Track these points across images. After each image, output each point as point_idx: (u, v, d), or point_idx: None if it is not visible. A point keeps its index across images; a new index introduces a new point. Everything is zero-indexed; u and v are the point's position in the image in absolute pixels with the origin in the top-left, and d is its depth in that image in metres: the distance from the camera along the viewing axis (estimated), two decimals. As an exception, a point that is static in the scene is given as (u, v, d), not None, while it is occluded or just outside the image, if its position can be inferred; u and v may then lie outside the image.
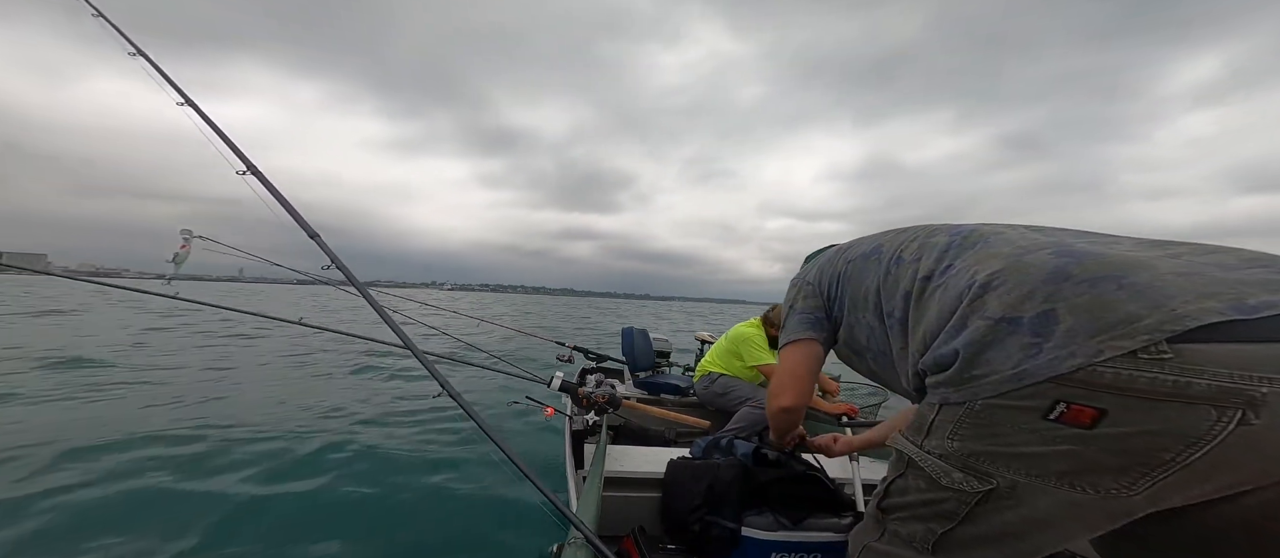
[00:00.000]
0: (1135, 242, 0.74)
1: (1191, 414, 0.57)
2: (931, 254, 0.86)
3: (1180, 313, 0.57)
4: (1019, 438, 0.67)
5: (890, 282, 0.93)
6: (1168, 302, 0.58)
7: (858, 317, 1.02)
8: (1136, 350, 0.57)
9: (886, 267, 0.95)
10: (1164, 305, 0.58)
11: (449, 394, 1.35)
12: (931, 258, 0.86)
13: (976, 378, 0.69)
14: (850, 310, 1.05)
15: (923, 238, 0.92)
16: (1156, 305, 0.58)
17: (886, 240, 1.01)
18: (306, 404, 4.73)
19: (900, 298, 0.89)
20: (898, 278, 0.91)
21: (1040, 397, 0.63)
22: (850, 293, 1.04)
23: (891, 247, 0.97)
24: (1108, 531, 0.69)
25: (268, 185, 1.67)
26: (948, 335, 0.74)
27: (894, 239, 0.99)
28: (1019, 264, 0.71)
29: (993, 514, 0.71)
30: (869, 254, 1.02)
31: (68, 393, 4.69)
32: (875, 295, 0.96)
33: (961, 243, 0.84)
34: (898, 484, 0.83)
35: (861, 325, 1.02)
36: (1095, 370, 0.59)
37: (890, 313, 0.91)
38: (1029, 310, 0.66)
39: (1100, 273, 0.64)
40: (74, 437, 3.34)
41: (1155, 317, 0.58)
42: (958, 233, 0.87)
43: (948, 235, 0.88)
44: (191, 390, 5.05)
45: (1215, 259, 0.65)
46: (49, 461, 2.95)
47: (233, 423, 3.96)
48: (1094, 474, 0.63)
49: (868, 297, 0.98)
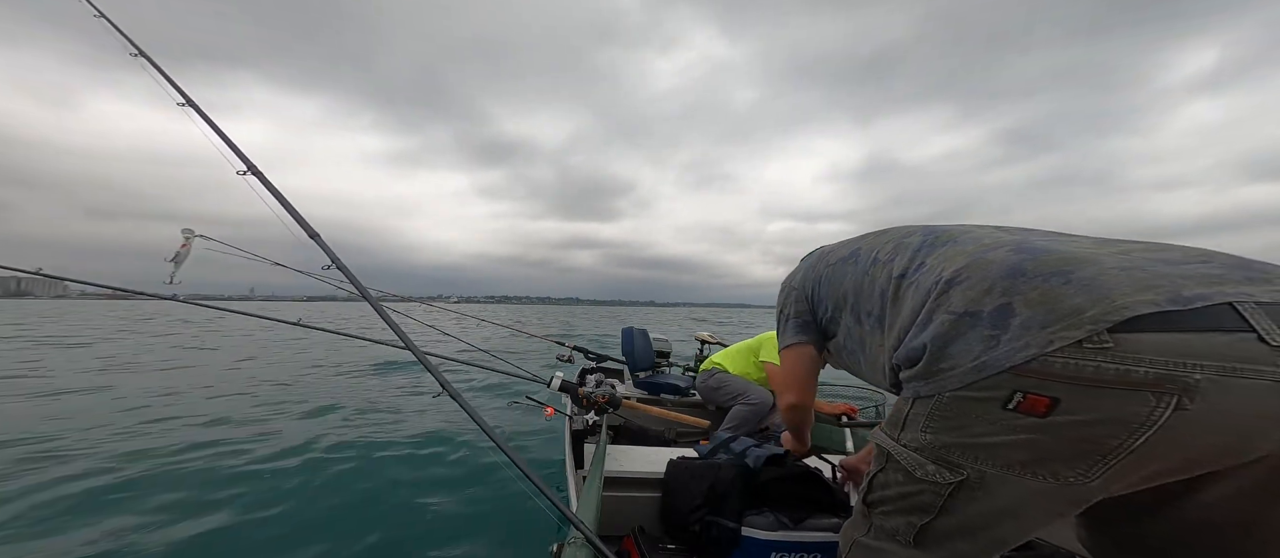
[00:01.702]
0: (1093, 240, 0.77)
1: (1133, 400, 0.59)
2: (905, 254, 0.90)
3: (1119, 305, 0.61)
4: (982, 428, 0.69)
5: (867, 282, 0.97)
6: (1109, 294, 0.62)
7: (838, 317, 1.07)
8: (1082, 340, 0.61)
9: (864, 268, 0.99)
10: (1105, 298, 0.62)
11: (449, 394, 1.34)
12: (905, 257, 0.89)
13: (943, 371, 0.72)
14: (832, 311, 1.09)
15: (898, 239, 0.95)
16: (1099, 298, 0.62)
17: (864, 243, 1.05)
18: (307, 405, 4.74)
19: (877, 297, 0.92)
20: (874, 278, 0.95)
21: (999, 387, 0.66)
22: (831, 295, 1.09)
23: (868, 249, 1.01)
24: (1069, 515, 0.73)
25: (268, 185, 1.67)
26: (917, 330, 0.78)
27: (872, 241, 1.03)
28: (981, 261, 0.75)
29: (965, 505, 0.73)
30: (847, 257, 1.06)
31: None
32: (852, 296, 1.00)
33: (933, 242, 0.87)
34: (879, 478, 0.85)
35: (841, 326, 1.06)
36: (1046, 360, 0.62)
37: (869, 312, 0.95)
38: (988, 305, 0.69)
39: (1051, 268, 0.67)
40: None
41: (1097, 308, 0.61)
42: (930, 233, 0.91)
43: (921, 236, 0.91)
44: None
45: (1160, 255, 0.68)
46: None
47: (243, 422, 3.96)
48: (1052, 462, 0.66)
49: (846, 298, 1.03)
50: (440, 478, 3.00)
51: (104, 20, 1.95)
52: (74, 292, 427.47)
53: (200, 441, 3.60)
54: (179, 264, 1.70)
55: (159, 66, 1.87)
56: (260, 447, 3.49)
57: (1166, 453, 0.61)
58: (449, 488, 2.86)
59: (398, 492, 2.81)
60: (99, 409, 4.49)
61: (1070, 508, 0.70)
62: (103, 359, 7.72)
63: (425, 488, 2.86)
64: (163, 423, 4.07)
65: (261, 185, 1.67)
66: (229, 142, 1.73)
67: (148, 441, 3.60)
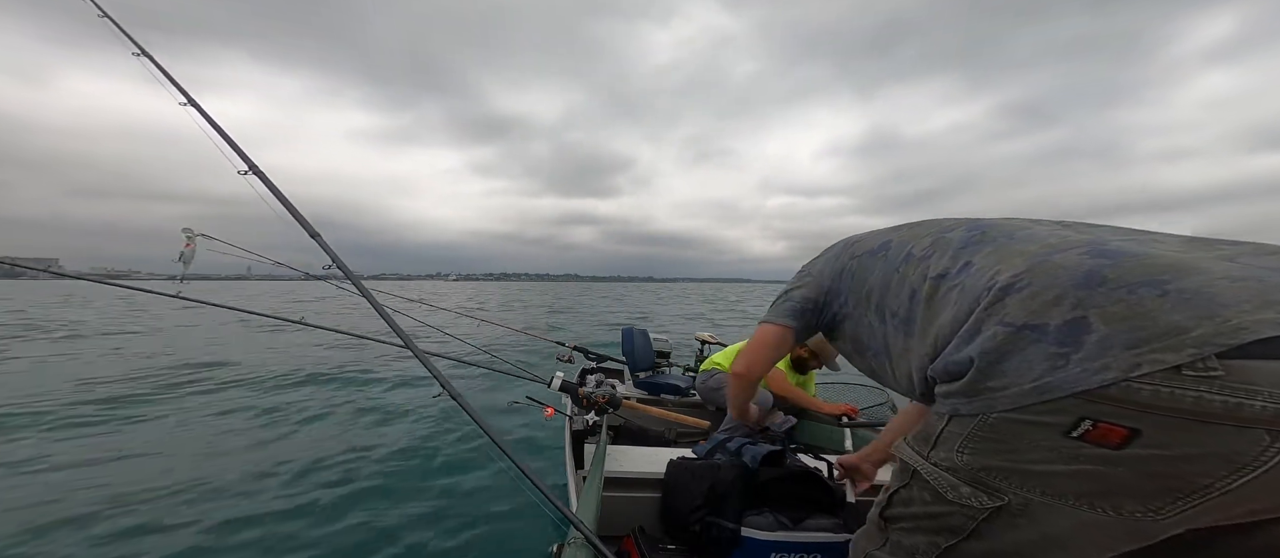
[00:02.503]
0: (1182, 241, 0.67)
1: (1242, 438, 0.51)
2: (946, 252, 0.80)
3: (1235, 324, 0.51)
4: (1035, 455, 0.62)
5: (896, 280, 0.88)
6: (1220, 311, 0.52)
7: (860, 314, 0.98)
8: (1181, 366, 0.52)
9: (895, 264, 0.90)
10: (1216, 315, 0.52)
11: (449, 394, 1.35)
12: (946, 256, 0.80)
13: (992, 390, 0.64)
14: (853, 307, 1.01)
15: (937, 233, 0.86)
16: (1207, 315, 0.52)
17: (896, 236, 0.95)
18: (306, 403, 4.74)
19: (906, 297, 0.84)
20: (905, 276, 0.86)
21: (1063, 413, 0.58)
22: (853, 289, 1.00)
23: (901, 243, 0.92)
24: (1126, 550, 0.64)
25: (269, 185, 1.68)
26: (961, 341, 0.69)
27: (906, 235, 0.93)
28: (1046, 264, 0.65)
29: (1003, 531, 0.67)
30: (876, 251, 0.97)
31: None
32: (878, 293, 0.92)
33: (981, 239, 0.78)
34: (901, 495, 0.79)
35: (863, 323, 0.97)
36: (1130, 387, 0.53)
37: (894, 312, 0.87)
38: (1056, 317, 0.60)
39: (1141, 277, 0.57)
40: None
41: (1205, 328, 0.52)
42: (976, 228, 0.81)
43: (966, 231, 0.82)
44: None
45: (1276, 262, 0.58)
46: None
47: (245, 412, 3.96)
48: (1118, 497, 0.58)
49: (871, 295, 0.94)
50: (440, 478, 3.00)
51: (108, 20, 1.95)
52: (68, 273, 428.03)
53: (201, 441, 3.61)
54: (187, 263, 1.73)
55: (161, 67, 1.88)
56: (260, 447, 3.50)
57: (1266, 496, 0.53)
58: (449, 488, 2.87)
59: (397, 491, 2.81)
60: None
61: (1127, 543, 0.62)
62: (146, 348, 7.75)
63: (425, 488, 2.87)
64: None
65: (263, 185, 1.68)
66: (231, 142, 1.74)
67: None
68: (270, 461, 3.19)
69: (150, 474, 2.92)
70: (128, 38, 1.93)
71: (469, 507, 2.65)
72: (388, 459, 3.27)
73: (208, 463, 3.16)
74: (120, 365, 6.53)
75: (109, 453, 3.30)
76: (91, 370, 6.18)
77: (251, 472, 3.01)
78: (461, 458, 3.29)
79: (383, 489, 2.83)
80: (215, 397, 4.94)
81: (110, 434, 3.76)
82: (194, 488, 2.76)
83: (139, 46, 1.91)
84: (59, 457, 3.21)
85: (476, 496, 2.78)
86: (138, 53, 1.90)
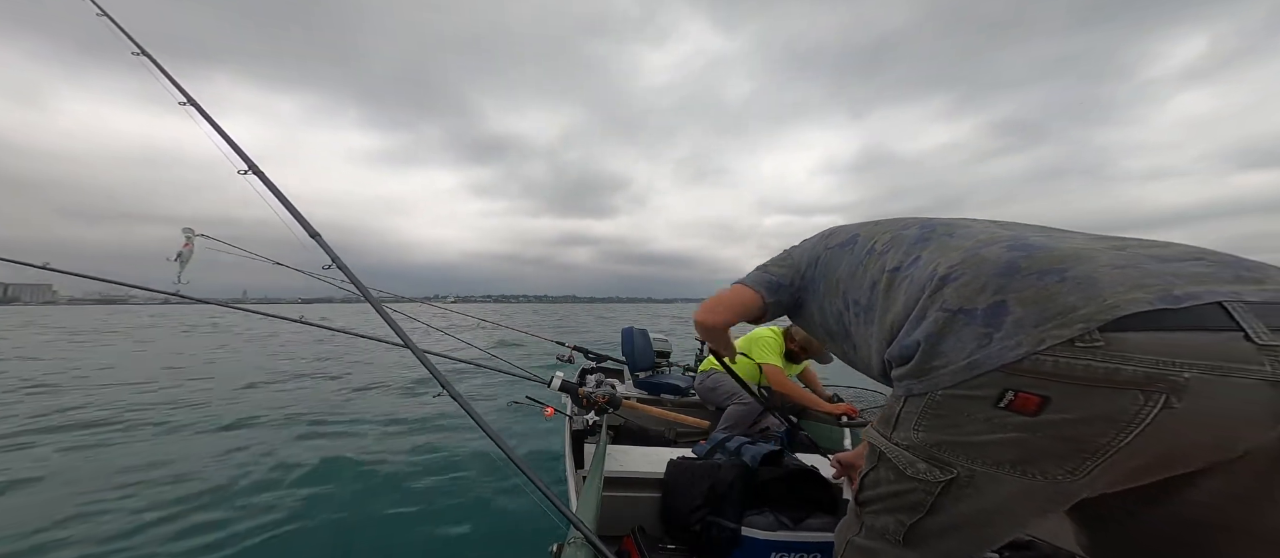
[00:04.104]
0: (1088, 236, 0.77)
1: (1120, 399, 0.59)
2: (900, 247, 0.89)
3: (1111, 303, 0.61)
4: (973, 427, 0.69)
5: (860, 272, 0.96)
6: (1101, 293, 0.62)
7: (829, 302, 1.05)
8: (1074, 339, 0.60)
9: (859, 258, 0.98)
10: (1097, 296, 0.62)
11: (450, 394, 1.34)
12: (900, 250, 0.88)
13: (935, 369, 0.72)
14: (823, 295, 1.07)
15: (895, 230, 0.95)
16: (1091, 296, 0.62)
17: (864, 231, 1.03)
18: (305, 404, 4.74)
19: (867, 288, 0.92)
20: (867, 268, 0.94)
21: (991, 386, 0.66)
22: (824, 278, 1.07)
23: (867, 237, 1.00)
24: (1056, 511, 0.72)
25: (269, 185, 1.67)
26: (910, 326, 0.77)
27: (871, 230, 1.01)
28: (975, 257, 0.74)
29: (955, 503, 0.73)
30: (846, 243, 1.05)
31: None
32: (845, 283, 0.99)
33: (928, 236, 0.87)
34: (871, 477, 0.85)
35: (831, 311, 1.04)
36: (1038, 359, 0.62)
37: (856, 301, 0.94)
38: (982, 302, 0.69)
39: (1046, 266, 0.67)
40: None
41: (1090, 307, 0.61)
42: (927, 227, 0.90)
43: (918, 229, 0.90)
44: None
45: (1155, 252, 0.68)
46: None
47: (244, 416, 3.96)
48: (1043, 461, 0.66)
49: (839, 284, 1.01)
50: (440, 478, 3.00)
51: (107, 19, 1.95)
52: (62, 298, 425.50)
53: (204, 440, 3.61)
54: (183, 263, 1.70)
55: (161, 66, 1.87)
56: (258, 446, 3.49)
57: (1152, 450, 0.61)
58: (449, 488, 2.87)
59: (397, 491, 2.81)
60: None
61: (1057, 505, 0.70)
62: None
63: (425, 488, 2.87)
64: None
65: (263, 185, 1.67)
66: (231, 141, 1.73)
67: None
68: (271, 460, 3.19)
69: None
70: (127, 37, 1.92)
71: (469, 506, 2.65)
72: (387, 459, 3.27)
73: (214, 463, 3.15)
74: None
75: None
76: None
77: (252, 472, 3.01)
78: (461, 458, 3.29)
79: (383, 489, 2.83)
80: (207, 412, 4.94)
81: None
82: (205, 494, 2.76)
83: (138, 45, 1.90)
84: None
85: (476, 495, 2.78)
86: (137, 52, 1.89)
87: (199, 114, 1.79)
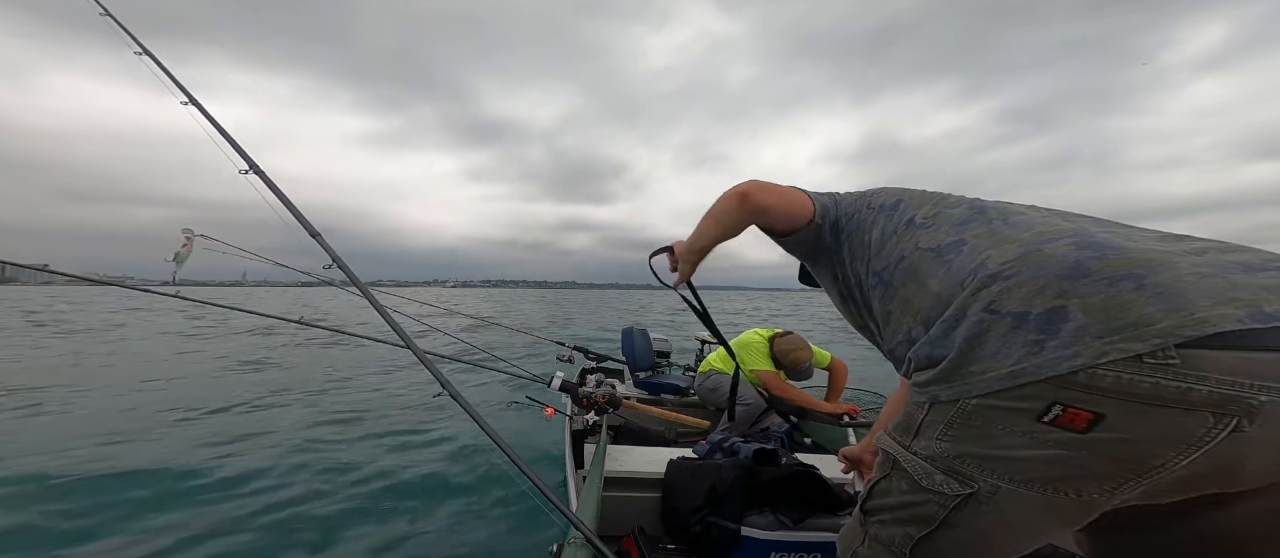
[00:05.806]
0: (1158, 236, 0.70)
1: (1189, 421, 0.54)
2: (942, 225, 0.81)
3: (1199, 318, 0.54)
4: (1008, 440, 0.63)
5: (893, 241, 0.88)
6: (1186, 305, 0.55)
7: (854, 266, 0.97)
8: (1143, 355, 0.55)
9: (896, 225, 0.90)
10: (1182, 309, 0.55)
11: (449, 394, 1.34)
12: (941, 229, 0.81)
13: (971, 375, 0.65)
14: (849, 256, 0.99)
15: (940, 206, 0.87)
16: (1175, 309, 0.55)
17: (907, 198, 0.95)
18: (304, 404, 4.74)
19: (893, 260, 0.85)
20: (900, 238, 0.87)
21: (1036, 398, 0.60)
22: (856, 238, 0.98)
23: (908, 206, 0.92)
24: (1078, 526, 0.68)
25: (270, 185, 1.67)
26: (944, 326, 0.70)
27: (915, 200, 0.93)
28: (1037, 253, 0.66)
29: (970, 519, 0.69)
30: (887, 206, 0.95)
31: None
32: (874, 247, 0.92)
33: (977, 218, 0.79)
34: (881, 486, 0.80)
35: (853, 276, 0.97)
36: (1095, 373, 0.57)
37: (877, 272, 0.88)
38: (1039, 305, 0.62)
39: (1121, 270, 0.60)
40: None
41: (1171, 321, 0.55)
42: (978, 207, 0.82)
43: (967, 209, 0.83)
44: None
45: (1238, 259, 0.61)
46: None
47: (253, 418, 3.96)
48: (1080, 479, 0.61)
49: (867, 247, 0.94)
50: (440, 478, 3.00)
51: (109, 18, 1.95)
52: (61, 278, 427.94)
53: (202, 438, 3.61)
54: (180, 263, 1.71)
55: (163, 65, 1.87)
56: (257, 445, 3.49)
57: (1207, 472, 0.57)
58: (449, 488, 2.87)
59: (397, 491, 2.81)
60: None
61: (1080, 521, 0.66)
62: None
63: (425, 488, 2.87)
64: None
65: (263, 185, 1.67)
66: (232, 141, 1.74)
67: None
68: (270, 463, 3.19)
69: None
70: (130, 37, 1.92)
71: (469, 507, 2.65)
72: (388, 459, 3.27)
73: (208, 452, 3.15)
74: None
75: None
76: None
77: (250, 472, 3.01)
78: (461, 458, 3.29)
79: (383, 489, 2.83)
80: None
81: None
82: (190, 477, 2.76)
83: (141, 45, 1.91)
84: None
85: (476, 495, 2.78)
86: (140, 52, 1.90)
87: (201, 114, 1.79)
